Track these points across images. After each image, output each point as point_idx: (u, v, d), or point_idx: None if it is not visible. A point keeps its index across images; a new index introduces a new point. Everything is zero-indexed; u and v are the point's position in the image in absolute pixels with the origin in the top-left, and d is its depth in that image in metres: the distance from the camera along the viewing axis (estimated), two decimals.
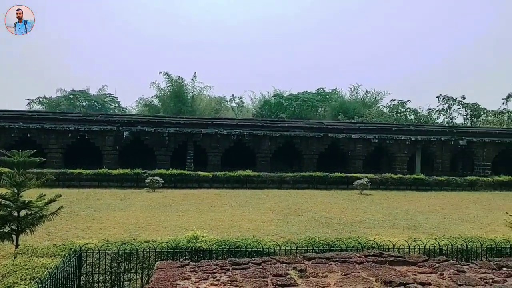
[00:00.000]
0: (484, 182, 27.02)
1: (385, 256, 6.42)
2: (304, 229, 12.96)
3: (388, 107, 59.29)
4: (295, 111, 60.54)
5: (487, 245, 8.12)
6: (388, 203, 19.65)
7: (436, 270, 5.86)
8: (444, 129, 34.02)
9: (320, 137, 29.90)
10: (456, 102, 57.38)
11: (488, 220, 15.56)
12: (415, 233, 12.00)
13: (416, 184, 26.34)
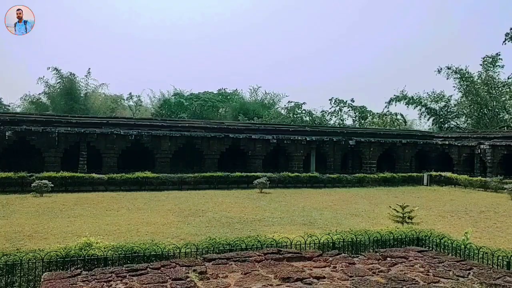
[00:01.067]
0: (370, 179, 29.34)
1: (283, 253, 6.61)
2: (205, 230, 12.89)
3: (286, 108, 61.67)
4: (196, 111, 60.18)
5: (373, 238, 8.79)
6: (286, 201, 20.40)
7: (329, 264, 6.18)
8: (336, 130, 36.30)
9: (221, 137, 30.08)
10: (346, 105, 61.61)
11: (375, 214, 16.90)
12: (311, 229, 12.59)
13: (311, 181, 27.73)
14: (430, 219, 15.95)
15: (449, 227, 14.11)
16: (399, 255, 6.76)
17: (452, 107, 55.53)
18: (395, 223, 13.62)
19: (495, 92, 51.11)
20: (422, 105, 55.37)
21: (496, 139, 32.82)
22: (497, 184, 26.81)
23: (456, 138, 36.66)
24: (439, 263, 6.32)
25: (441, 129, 52.94)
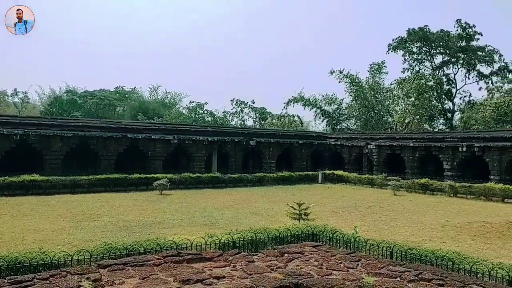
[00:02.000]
0: (270, 178, 30.26)
1: (183, 255, 6.51)
2: (100, 235, 12.23)
3: (187, 108, 61.09)
4: (91, 110, 56.94)
5: (272, 235, 9.05)
6: (187, 202, 20.17)
7: (230, 263, 6.22)
8: (237, 131, 36.84)
9: (118, 137, 28.78)
10: (247, 106, 62.87)
11: (274, 212, 17.45)
12: (212, 229, 12.61)
13: (213, 182, 27.78)
14: (324, 215, 16.90)
15: (341, 222, 15.07)
16: (295, 251, 7.05)
17: (344, 109, 59.56)
18: (292, 220, 14.16)
19: (380, 97, 55.84)
20: (317, 107, 58.60)
21: (381, 139, 35.88)
22: (382, 181, 29.30)
23: (347, 138, 39.37)
24: (332, 257, 6.71)
25: (334, 130, 56.45)
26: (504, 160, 27.15)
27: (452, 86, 57.00)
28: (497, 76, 54.81)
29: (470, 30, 53.96)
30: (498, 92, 54.74)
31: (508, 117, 40.98)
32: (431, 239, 12.80)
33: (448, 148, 30.13)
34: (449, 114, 57.13)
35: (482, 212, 18.60)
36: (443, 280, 5.41)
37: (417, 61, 57.46)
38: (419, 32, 54.60)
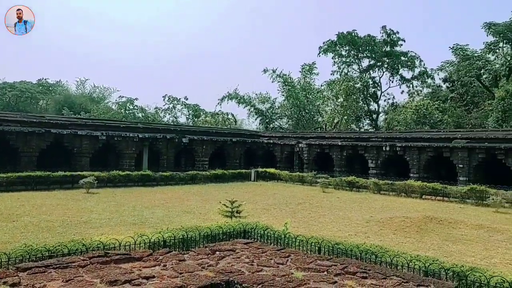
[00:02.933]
0: (203, 176, 30.07)
1: (111, 255, 6.29)
2: (19, 236, 11.46)
3: (117, 103, 59.00)
4: (10, 103, 53.13)
5: (204, 233, 9.00)
6: (115, 201, 19.49)
7: (160, 262, 6.11)
8: (170, 127, 36.18)
9: (41, 132, 27.09)
10: (180, 102, 61.98)
11: (206, 210, 17.36)
12: (142, 228, 12.28)
13: (143, 180, 27.06)
14: (256, 212, 17.11)
15: (273, 219, 15.34)
16: (227, 248, 7.07)
17: (276, 108, 60.66)
18: (224, 217, 14.20)
19: (311, 97, 57.55)
20: (251, 105, 59.16)
21: (311, 138, 37.00)
22: (312, 179, 30.23)
23: (279, 137, 40.14)
24: (263, 253, 6.81)
25: (267, 128, 57.35)
26: (423, 159, 29.11)
27: (378, 89, 60.14)
28: (418, 81, 58.66)
29: (394, 36, 57.23)
30: (418, 95, 58.64)
31: (427, 119, 43.95)
32: (357, 234, 13.41)
33: (373, 148, 31.74)
34: (375, 115, 60.22)
35: (403, 208, 19.81)
36: (366, 272, 5.69)
37: (346, 64, 59.91)
38: (348, 36, 56.97)
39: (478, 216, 17.76)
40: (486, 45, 49.85)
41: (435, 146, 28.48)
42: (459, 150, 27.19)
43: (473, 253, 11.37)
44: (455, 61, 50.88)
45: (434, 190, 24.01)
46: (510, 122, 39.12)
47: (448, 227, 14.84)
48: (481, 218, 17.35)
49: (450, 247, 11.98)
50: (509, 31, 47.97)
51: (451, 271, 6.29)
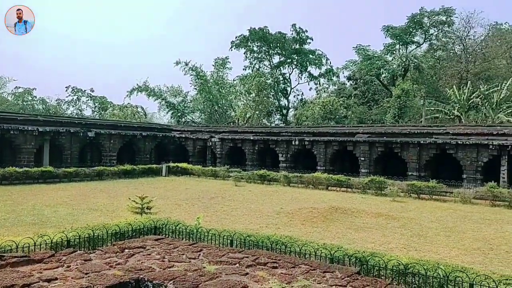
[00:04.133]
0: (110, 172, 28.78)
1: (7, 258, 5.78)
2: None
3: (13, 94, 54.23)
4: None
5: (112, 231, 8.62)
6: (12, 200, 17.92)
7: (63, 264, 5.74)
8: (74, 121, 34.08)
9: None
10: (85, 94, 58.65)
11: (114, 207, 16.66)
12: (43, 228, 11.43)
13: (44, 177, 25.20)
14: (168, 208, 16.79)
15: (185, 214, 15.17)
16: (137, 246, 6.85)
17: (189, 102, 60.00)
18: (134, 214, 13.74)
19: (224, 92, 57.77)
20: (162, 98, 57.83)
21: (224, 133, 37.19)
22: (224, 173, 30.40)
23: (191, 131, 39.76)
24: (174, 249, 6.70)
25: (178, 122, 56.49)
26: (329, 153, 30.68)
27: (288, 85, 62.11)
28: (324, 78, 61.59)
29: (303, 34, 59.46)
30: (325, 92, 61.61)
31: (333, 114, 46.41)
32: (268, 226, 13.76)
33: (283, 142, 32.75)
34: (285, 110, 62.16)
35: (311, 199, 20.71)
36: (276, 262, 5.86)
37: (258, 59, 61.03)
38: (259, 32, 58.03)
39: (377, 205, 19.15)
40: (385, 46, 53.84)
41: (340, 140, 30.15)
42: (361, 144, 29.08)
43: (373, 239, 12.24)
44: (358, 61, 54.22)
45: (339, 181, 25.41)
46: (405, 118, 42.69)
47: (351, 216, 15.82)
48: (380, 207, 18.72)
49: (353, 235, 12.77)
50: (405, 34, 52.26)
51: (354, 257, 6.70)
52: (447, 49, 53.70)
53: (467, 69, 49.11)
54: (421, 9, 51.40)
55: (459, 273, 6.00)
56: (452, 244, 11.88)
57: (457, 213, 17.61)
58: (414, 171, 26.84)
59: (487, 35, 52.05)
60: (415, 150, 26.97)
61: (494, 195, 20.48)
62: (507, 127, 26.40)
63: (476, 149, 24.91)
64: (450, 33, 52.69)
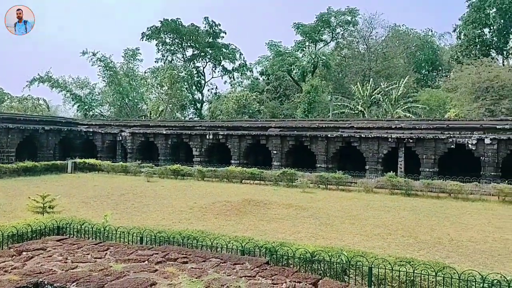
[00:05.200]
0: (8, 169, 26.46)
1: None
2: None
3: None
4: None
5: (8, 233, 7.96)
6: None
7: None
8: None
9: None
10: None
11: (12, 207, 15.38)
12: None
13: None
14: (73, 206, 15.88)
15: (92, 212, 14.46)
16: (36, 248, 6.39)
17: (97, 94, 57.04)
18: (35, 214, 12.82)
19: (135, 84, 55.79)
20: (67, 90, 54.31)
21: (135, 127, 35.98)
22: (136, 168, 29.43)
23: (100, 125, 37.88)
24: (78, 249, 6.35)
25: (86, 116, 53.46)
26: (243, 146, 31.08)
27: (202, 79, 61.71)
28: (238, 72, 62.12)
29: (216, 28, 59.36)
30: (239, 86, 62.19)
31: (247, 109, 46.98)
32: (181, 221, 13.61)
33: (197, 136, 32.51)
34: (199, 104, 61.71)
35: (225, 193, 20.84)
36: (187, 257, 5.80)
37: (170, 51, 59.81)
38: (172, 24, 56.83)
39: (288, 197, 19.82)
40: (296, 43, 55.65)
41: (253, 134, 30.66)
42: (273, 137, 29.85)
43: (284, 229, 12.65)
44: (270, 56, 55.42)
45: (252, 175, 25.86)
46: (314, 113, 44.57)
47: (263, 208, 16.20)
48: (291, 198, 19.40)
49: (265, 226, 13.10)
50: (314, 32, 54.42)
51: (264, 248, 6.87)
52: (352, 48, 56.88)
53: (370, 67, 52.51)
54: (328, 9, 53.88)
55: (360, 257, 6.41)
56: (355, 231, 12.68)
57: (360, 201, 18.83)
58: (322, 163, 28.16)
59: (387, 36, 56.00)
60: (323, 143, 28.30)
61: (392, 184, 22.19)
62: (403, 122, 28.73)
63: (377, 142, 26.80)
64: (355, 33, 55.89)
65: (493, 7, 45.39)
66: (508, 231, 13.10)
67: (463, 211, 16.77)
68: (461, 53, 46.91)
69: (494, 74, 35.31)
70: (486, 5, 45.67)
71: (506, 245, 11.29)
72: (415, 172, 25.08)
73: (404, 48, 54.95)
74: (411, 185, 21.73)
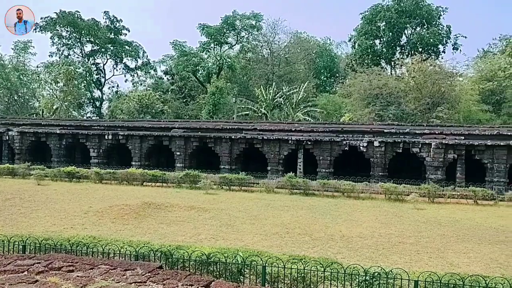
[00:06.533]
0: None
1: None
2: None
3: None
4: None
5: None
6: None
7: None
8: None
9: None
10: None
11: None
12: None
13: None
14: None
15: None
16: None
17: None
18: None
19: (25, 79, 51.39)
20: None
21: (25, 126, 33.11)
22: (24, 171, 27.02)
23: None
24: None
25: None
26: (144, 148, 30.15)
27: (102, 76, 58.78)
28: (141, 71, 60.22)
29: (118, 24, 56.97)
30: (142, 85, 60.34)
31: (149, 109, 45.69)
32: (73, 227, 12.77)
33: (95, 136, 30.84)
34: (98, 102, 58.66)
35: (124, 196, 19.99)
36: (73, 265, 5.44)
37: (67, 46, 56.13)
38: (69, 17, 53.39)
39: (191, 199, 19.60)
40: (201, 44, 55.46)
41: (156, 135, 29.91)
42: (176, 138, 29.39)
43: (184, 232, 12.48)
44: (175, 56, 54.58)
45: (154, 177, 25.16)
46: (219, 114, 44.77)
47: (164, 211, 15.83)
48: (193, 200, 19.22)
49: (165, 229, 12.80)
50: (219, 34, 54.73)
51: (159, 252, 6.69)
52: (256, 52, 58.17)
53: (273, 71, 54.15)
54: (233, 12, 54.52)
55: (255, 257, 6.53)
56: (255, 231, 12.94)
57: (262, 202, 19.27)
58: (226, 165, 28.37)
59: (289, 42, 58.20)
60: (227, 145, 28.53)
61: (292, 184, 23.07)
62: (303, 124, 30.08)
63: (279, 144, 27.70)
64: (259, 37, 57.22)
65: (383, 21, 49.50)
66: (392, 226, 14.30)
67: (354, 208, 17.97)
68: (355, 61, 50.38)
69: (383, 82, 38.49)
70: (377, 19, 49.67)
71: (390, 239, 12.31)
72: (313, 172, 26.37)
73: (305, 54, 57.53)
74: (309, 185, 22.77)
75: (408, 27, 50.35)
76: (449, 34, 50.39)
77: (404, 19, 48.78)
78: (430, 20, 49.62)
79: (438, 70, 38.04)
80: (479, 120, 38.19)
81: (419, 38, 49.09)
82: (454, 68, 39.93)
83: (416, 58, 39.57)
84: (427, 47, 48.76)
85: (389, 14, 48.44)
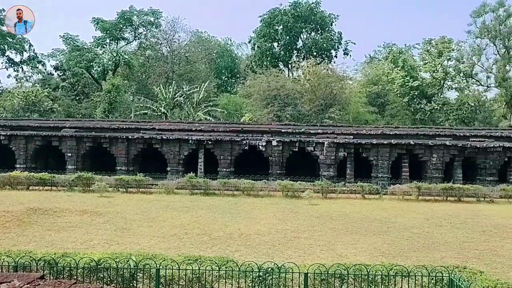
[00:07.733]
0: None
1: None
2: None
3: None
4: None
5: None
6: None
7: None
8: None
9: None
10: None
11: None
12: None
13: None
14: None
15: None
16: None
17: None
18: None
19: None
20: None
21: None
22: None
23: None
24: None
25: None
26: (30, 149, 27.73)
27: None
28: (28, 65, 55.26)
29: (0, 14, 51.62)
30: (28, 81, 55.45)
31: (37, 107, 42.11)
32: None
33: None
34: None
35: (6, 202, 18.14)
36: None
37: None
38: None
39: (83, 203, 18.44)
40: (95, 39, 52.55)
41: (44, 135, 27.69)
42: (67, 139, 27.49)
43: (75, 238, 11.70)
44: (66, 51, 51.03)
45: (42, 180, 23.23)
46: (115, 113, 42.81)
47: (53, 217, 14.70)
48: (86, 204, 18.10)
49: (52, 237, 11.88)
50: (115, 29, 52.37)
51: (42, 261, 6.16)
52: (155, 49, 56.66)
53: (173, 69, 53.20)
54: (130, 7, 52.49)
55: (149, 260, 6.32)
56: (153, 233, 12.57)
57: (161, 203, 18.80)
58: (123, 166, 27.22)
59: (190, 41, 57.66)
60: (124, 145, 27.39)
61: (192, 185, 22.87)
62: (203, 124, 30.00)
63: (179, 144, 27.28)
64: (158, 34, 55.85)
65: (280, 24, 51.32)
66: (288, 222, 14.87)
67: (253, 206, 18.35)
68: (255, 63, 51.53)
69: (281, 84, 39.95)
70: (275, 22, 51.35)
71: (285, 235, 12.77)
72: (214, 172, 26.43)
73: (206, 54, 57.44)
74: (209, 184, 22.76)
75: (304, 31, 52.80)
76: (340, 40, 53.83)
77: (300, 24, 51.06)
78: (324, 26, 52.57)
79: (331, 74, 40.54)
80: (366, 121, 41.45)
81: (314, 42, 51.76)
82: (344, 72, 42.95)
83: (311, 61, 41.74)
84: (321, 52, 51.62)
85: (286, 18, 50.35)
